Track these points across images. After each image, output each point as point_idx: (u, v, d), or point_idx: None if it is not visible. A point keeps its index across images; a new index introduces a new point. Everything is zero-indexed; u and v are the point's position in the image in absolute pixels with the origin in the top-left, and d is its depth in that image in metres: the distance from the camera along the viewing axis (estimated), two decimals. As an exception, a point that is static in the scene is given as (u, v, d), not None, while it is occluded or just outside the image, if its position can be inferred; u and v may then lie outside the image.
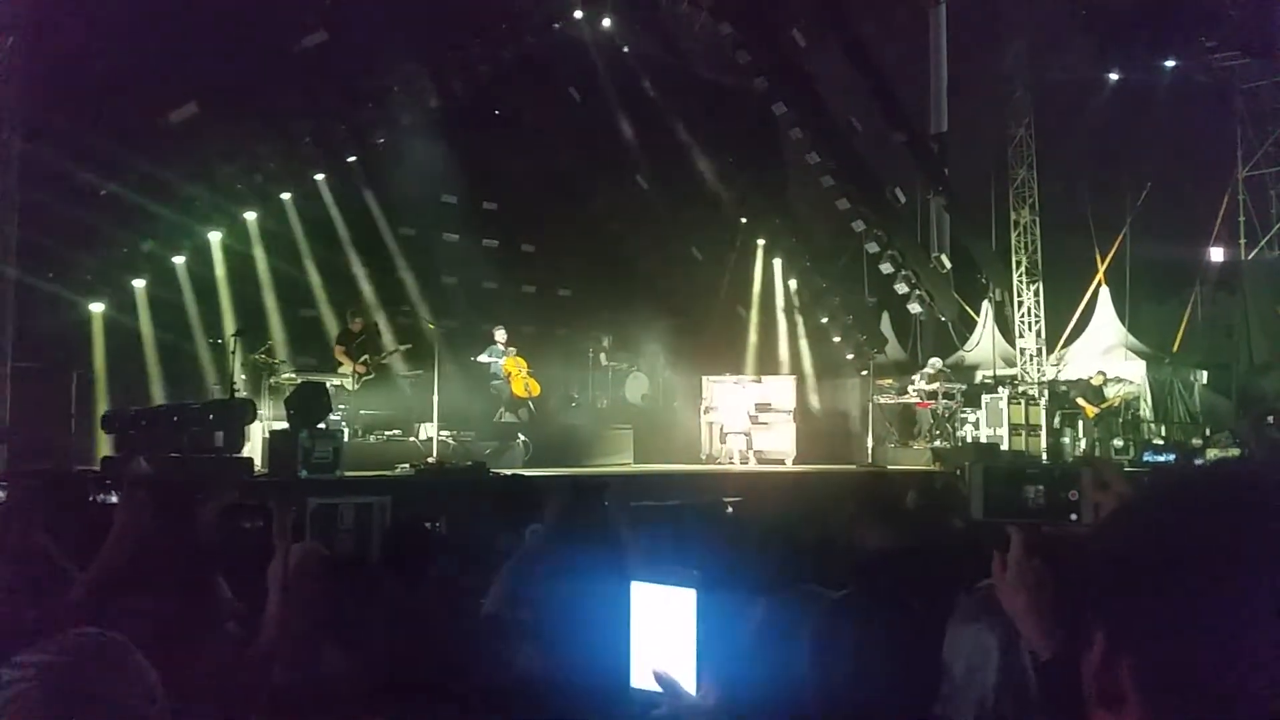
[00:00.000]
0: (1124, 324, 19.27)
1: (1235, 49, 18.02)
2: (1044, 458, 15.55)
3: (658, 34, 16.55)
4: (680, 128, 17.54)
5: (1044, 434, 16.28)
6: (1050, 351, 19.51)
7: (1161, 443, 16.71)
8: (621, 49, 16.89)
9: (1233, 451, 15.78)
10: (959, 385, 16.44)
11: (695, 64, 16.78)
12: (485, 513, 4.29)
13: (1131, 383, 17.96)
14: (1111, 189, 19.22)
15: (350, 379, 12.14)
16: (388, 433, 12.30)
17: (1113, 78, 19.12)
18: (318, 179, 13.97)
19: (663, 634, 1.69)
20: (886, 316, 19.38)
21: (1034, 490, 1.60)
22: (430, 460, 11.03)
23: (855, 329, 18.01)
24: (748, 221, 18.25)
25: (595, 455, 13.62)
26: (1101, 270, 19.56)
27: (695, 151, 17.61)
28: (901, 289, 17.33)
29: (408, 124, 13.93)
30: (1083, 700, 0.94)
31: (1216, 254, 20.01)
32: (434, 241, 15.68)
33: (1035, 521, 1.60)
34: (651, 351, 16.42)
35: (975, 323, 19.93)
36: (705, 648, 1.65)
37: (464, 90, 14.42)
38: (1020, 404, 16.24)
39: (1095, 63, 18.78)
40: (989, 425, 15.83)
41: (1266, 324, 19.21)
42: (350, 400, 12.03)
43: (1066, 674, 1.44)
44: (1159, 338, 19.42)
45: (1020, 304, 19.56)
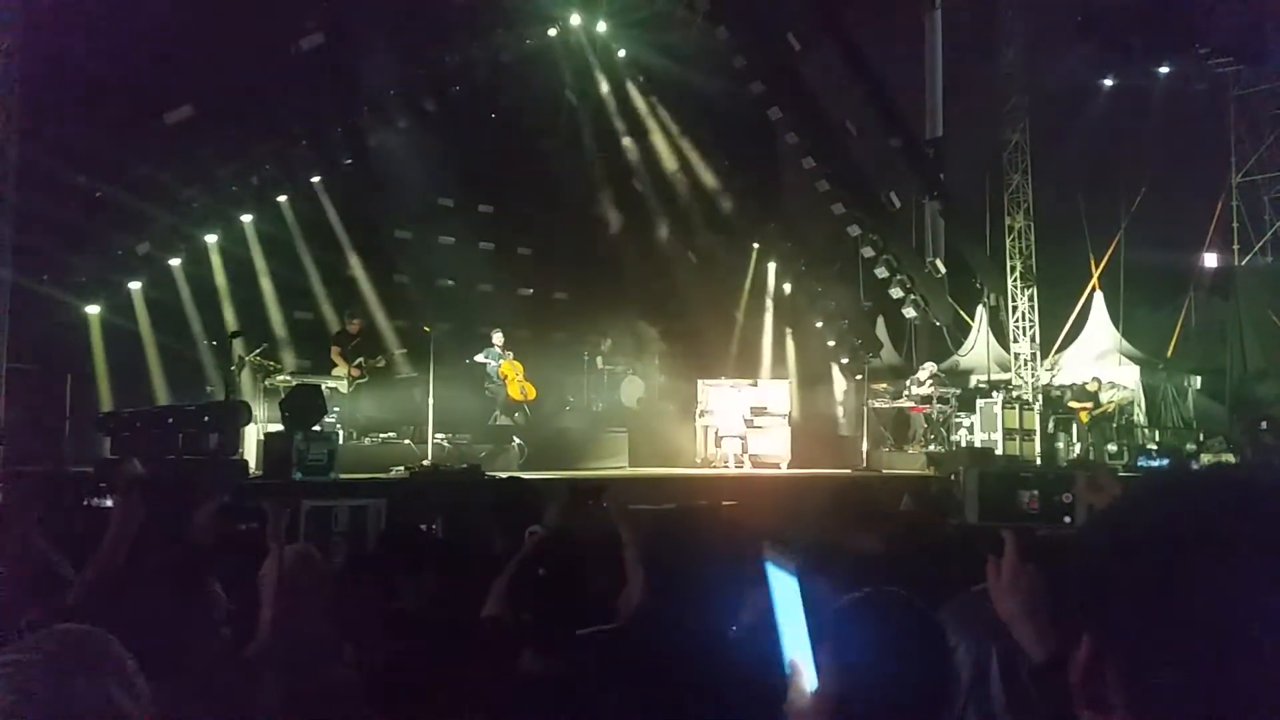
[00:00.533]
0: (1118, 329, 19.31)
1: (1229, 55, 18.10)
2: (1038, 462, 15.58)
3: (653, 38, 16.56)
4: (676, 132, 17.58)
5: (1038, 439, 16.32)
6: (1045, 356, 19.54)
7: (1155, 448, 16.76)
8: (617, 53, 16.91)
9: (1227, 457, 15.82)
10: (953, 390, 16.46)
11: (691, 68, 16.79)
12: (482, 515, 4.29)
13: (1125, 388, 18.00)
14: (1106, 194, 19.26)
15: (344, 382, 12.13)
16: (383, 435, 12.28)
17: (1107, 83, 19.19)
18: (313, 181, 13.97)
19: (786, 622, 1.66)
20: (881, 321, 19.39)
21: (1028, 494, 1.61)
22: (425, 463, 11.02)
23: (850, 333, 18.02)
24: (744, 225, 18.25)
25: (590, 458, 13.61)
26: (1096, 275, 19.60)
27: (691, 156, 17.64)
28: (896, 293, 17.34)
29: (404, 127, 13.93)
30: (1069, 706, 0.94)
31: (1210, 260, 20.06)
32: (430, 244, 15.67)
33: (1030, 525, 1.61)
34: (647, 355, 16.43)
35: (970, 327, 19.95)
36: (814, 636, 1.63)
37: (460, 93, 14.43)
38: (1014, 409, 16.27)
39: (1090, 69, 18.86)
40: (983, 430, 15.85)
41: (1260, 330, 19.26)
42: (345, 403, 12.02)
43: (1059, 677, 1.45)
44: (1153, 343, 19.46)
45: (1015, 309, 19.59)
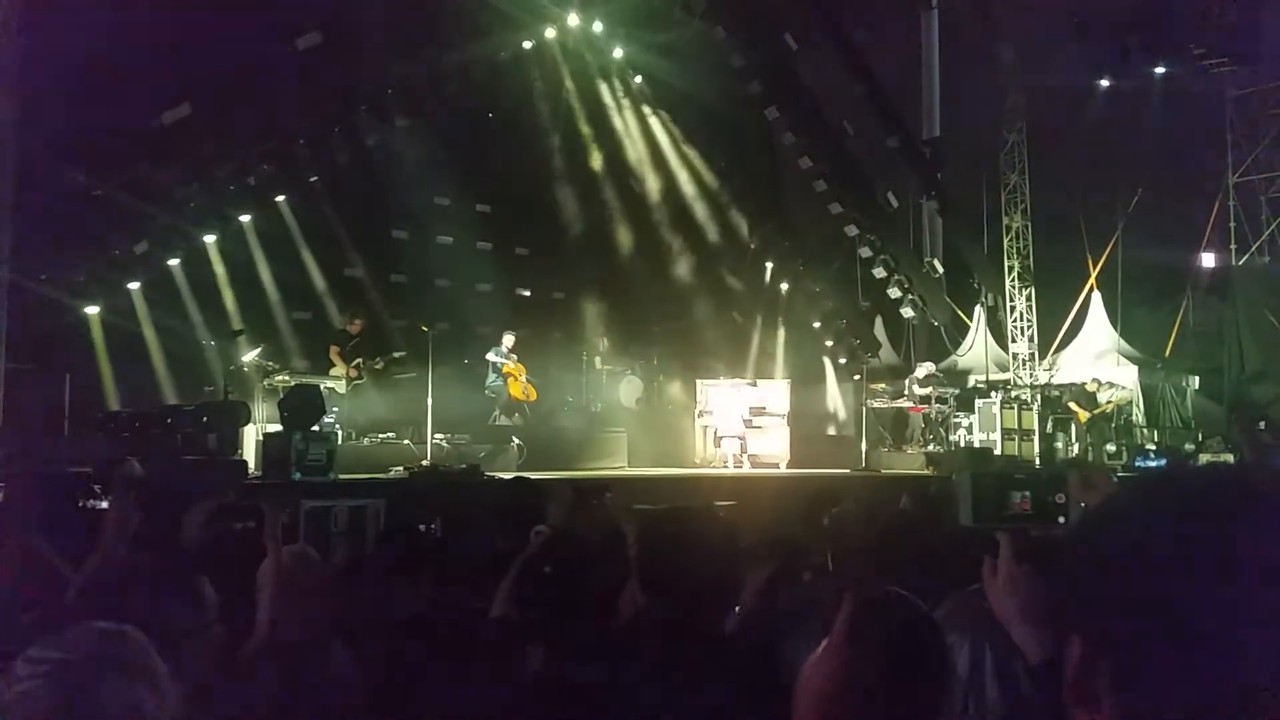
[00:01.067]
0: (1116, 329, 19.32)
1: (1225, 56, 18.12)
2: (1037, 463, 15.60)
3: (650, 38, 16.57)
4: (673, 132, 17.59)
5: (1037, 439, 16.33)
6: (1043, 356, 19.57)
7: (1154, 448, 16.78)
8: (614, 53, 16.92)
9: (1225, 457, 15.83)
10: (951, 390, 16.47)
11: (688, 68, 16.79)
12: (483, 515, 4.29)
13: (1124, 388, 18.02)
14: (1103, 194, 19.27)
15: (341, 382, 12.13)
16: (382, 435, 12.28)
17: (1104, 84, 19.20)
18: (311, 181, 13.96)
19: None
20: (879, 321, 19.40)
21: (1021, 495, 1.61)
22: (424, 463, 11.02)
23: (848, 333, 18.03)
24: (741, 225, 18.26)
25: (589, 458, 13.62)
26: (1093, 275, 19.62)
27: (688, 156, 17.64)
28: (894, 293, 17.34)
29: (402, 126, 13.92)
30: (1062, 704, 0.94)
31: (1208, 260, 20.08)
32: (428, 244, 15.66)
33: (1023, 526, 1.61)
34: (645, 355, 16.43)
35: (968, 327, 19.97)
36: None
37: (458, 92, 14.42)
38: (1013, 409, 16.29)
39: (1087, 69, 18.87)
40: (982, 430, 15.86)
41: (1257, 330, 19.27)
42: (344, 403, 12.02)
43: (1056, 677, 1.45)
44: (1151, 343, 19.48)
45: (1013, 309, 19.62)
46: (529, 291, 17.04)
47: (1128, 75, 18.80)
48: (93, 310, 12.03)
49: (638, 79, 17.42)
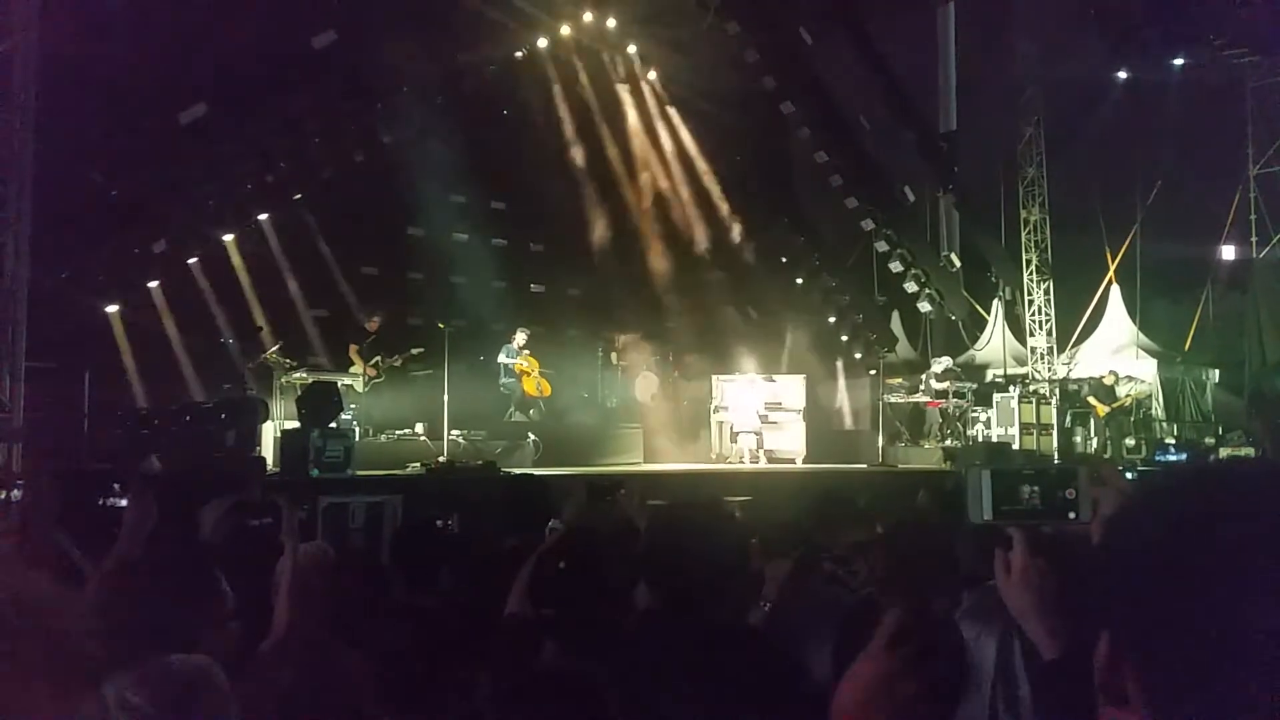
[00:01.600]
0: (1135, 322, 19.19)
1: (1245, 46, 17.93)
2: (1056, 457, 15.51)
3: (664, 33, 16.55)
4: (688, 127, 17.57)
5: (1055, 433, 16.24)
6: (1061, 350, 19.45)
7: (1174, 442, 16.64)
8: (628, 48, 16.91)
9: (1246, 450, 15.70)
10: (969, 384, 16.40)
11: (703, 63, 16.76)
12: (499, 511, 4.31)
13: (1143, 381, 17.89)
14: (1122, 187, 19.12)
15: (360, 380, 12.18)
16: (399, 432, 12.33)
17: (1122, 76, 19.04)
18: (328, 179, 14.00)
19: None
20: (896, 315, 19.34)
21: (1032, 491, 1.60)
22: (441, 459, 11.07)
23: (865, 328, 17.98)
24: (757, 220, 18.22)
25: (605, 454, 13.64)
26: (1112, 268, 19.48)
27: (703, 151, 17.63)
28: (911, 288, 17.29)
29: (417, 123, 13.95)
30: (1090, 699, 0.94)
31: (1228, 252, 19.89)
32: (444, 241, 15.70)
33: (1035, 523, 1.60)
34: (661, 351, 16.42)
35: (985, 321, 19.87)
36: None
37: (473, 90, 14.44)
38: (1031, 403, 16.19)
39: (1105, 61, 18.72)
40: (1000, 424, 15.78)
41: (1278, 322, 19.11)
42: (361, 399, 12.07)
43: (1073, 673, 1.45)
44: (1170, 336, 19.34)
45: (1031, 302, 19.51)
46: (544, 288, 17.05)
47: (1146, 66, 18.64)
48: (112, 309, 12.12)
49: (652, 74, 17.41)
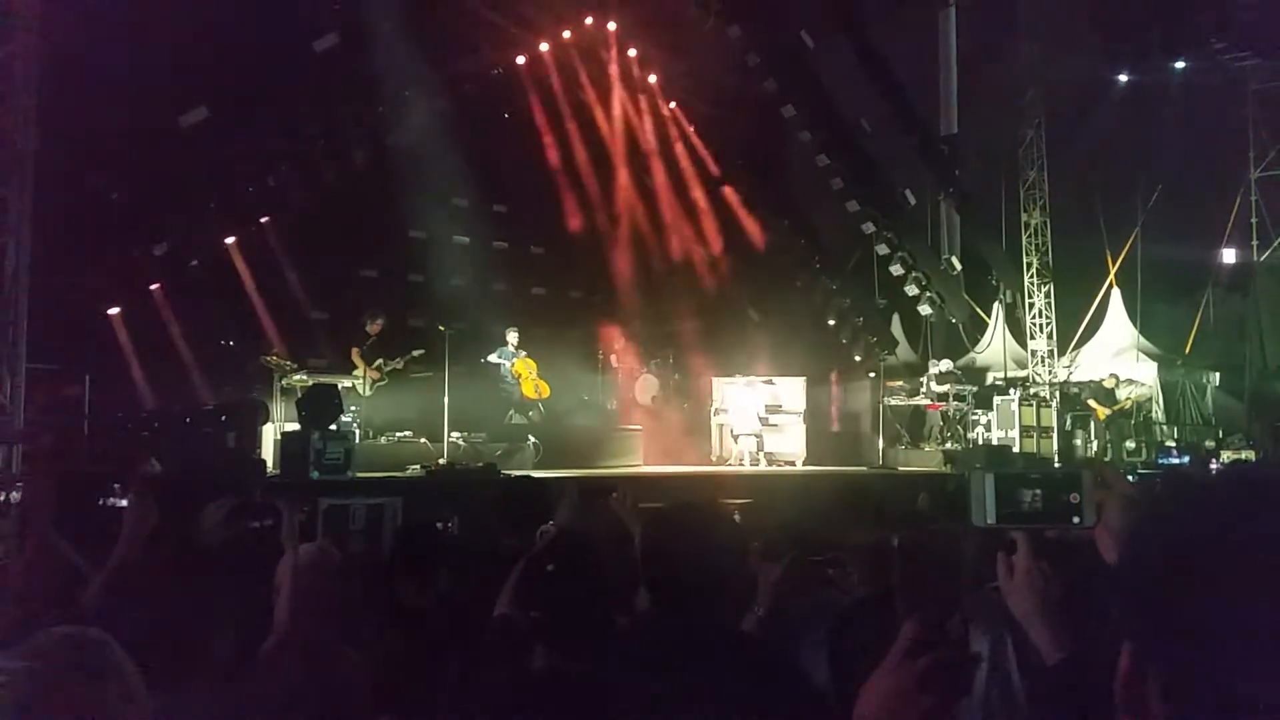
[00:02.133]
0: (1136, 326, 19.19)
1: (1246, 49, 17.94)
2: (1056, 460, 15.51)
3: (665, 37, 16.56)
4: (689, 130, 17.57)
5: (1055, 436, 16.24)
6: (1062, 353, 19.45)
7: (1174, 445, 16.64)
8: (629, 52, 16.92)
9: (1247, 454, 15.71)
10: (969, 387, 16.40)
11: (704, 66, 16.77)
12: (499, 513, 4.30)
13: (1143, 385, 17.89)
14: (1123, 190, 19.14)
15: (363, 383, 12.18)
16: (399, 434, 12.33)
17: (1123, 79, 19.06)
18: (329, 182, 13.99)
19: None
20: (897, 318, 19.34)
21: (1035, 495, 1.60)
22: (441, 461, 11.07)
23: (865, 331, 17.97)
24: (757, 223, 18.22)
25: (605, 457, 13.63)
26: (1113, 272, 19.49)
27: (704, 154, 17.63)
28: (912, 291, 17.30)
29: (419, 126, 13.96)
30: (1097, 703, 0.94)
31: (1229, 255, 19.90)
32: (445, 244, 15.70)
33: (1039, 527, 1.60)
34: (661, 353, 16.42)
35: (986, 324, 19.88)
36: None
37: (474, 93, 14.45)
38: (1032, 406, 16.20)
39: (1105, 64, 18.73)
40: (1000, 427, 15.78)
41: (1279, 326, 19.11)
42: (362, 402, 12.07)
43: (1078, 676, 1.44)
44: (1171, 340, 19.34)
45: (1031, 305, 19.51)
46: (544, 290, 17.05)
47: (1147, 69, 18.66)
48: (113, 311, 12.12)
49: (652, 78, 17.42)
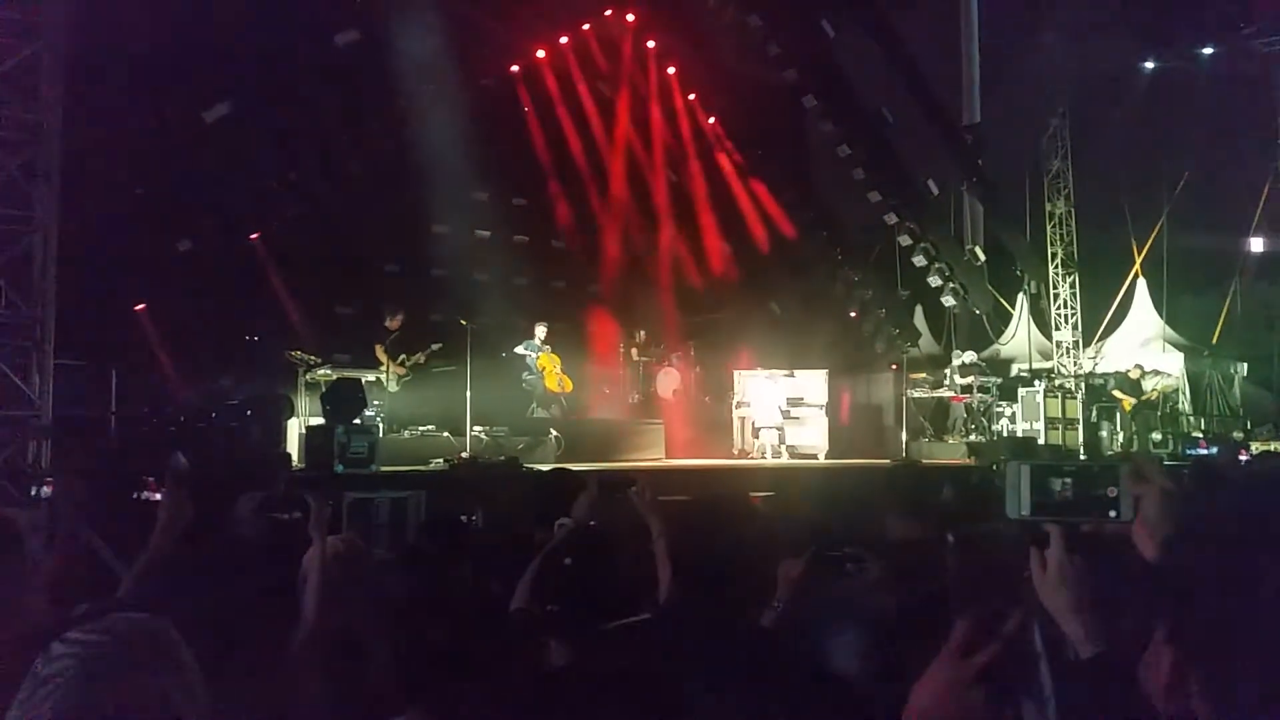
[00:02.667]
0: (1162, 316, 19.01)
1: (1273, 35, 17.70)
2: (1082, 452, 15.38)
3: (685, 28, 16.52)
4: (709, 121, 17.52)
5: (1081, 428, 16.10)
6: (1087, 344, 19.29)
7: (1201, 436, 16.47)
8: (648, 43, 16.88)
9: (1275, 445, 15.54)
10: (994, 379, 16.30)
11: (724, 56, 16.71)
12: (522, 506, 4.32)
13: (1170, 375, 17.72)
14: (1148, 179, 18.96)
15: (388, 377, 12.25)
16: (422, 428, 12.38)
17: (1149, 66, 18.85)
18: (352, 177, 14.04)
19: None
20: (920, 310, 19.24)
21: (1070, 487, 1.57)
22: (464, 455, 11.11)
23: (888, 322, 17.88)
24: (779, 214, 18.15)
25: (627, 450, 13.64)
26: (1139, 261, 19.31)
27: (725, 145, 17.58)
28: (935, 282, 17.19)
29: (440, 120, 13.99)
30: (1132, 698, 0.93)
31: (1256, 244, 19.65)
32: (466, 238, 15.74)
33: (1075, 520, 1.57)
34: (683, 346, 16.41)
35: (1010, 315, 19.74)
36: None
37: (494, 87, 14.46)
38: (1057, 397, 16.06)
39: (1131, 51, 18.54)
40: (1025, 419, 15.66)
41: (1308, 315, 18.89)
42: (385, 396, 12.14)
43: (1112, 672, 1.43)
44: (1198, 330, 19.14)
45: (1056, 296, 19.35)
46: (565, 284, 17.06)
47: (1174, 56, 18.44)
48: (140, 307, 12.22)
49: (672, 69, 17.37)
